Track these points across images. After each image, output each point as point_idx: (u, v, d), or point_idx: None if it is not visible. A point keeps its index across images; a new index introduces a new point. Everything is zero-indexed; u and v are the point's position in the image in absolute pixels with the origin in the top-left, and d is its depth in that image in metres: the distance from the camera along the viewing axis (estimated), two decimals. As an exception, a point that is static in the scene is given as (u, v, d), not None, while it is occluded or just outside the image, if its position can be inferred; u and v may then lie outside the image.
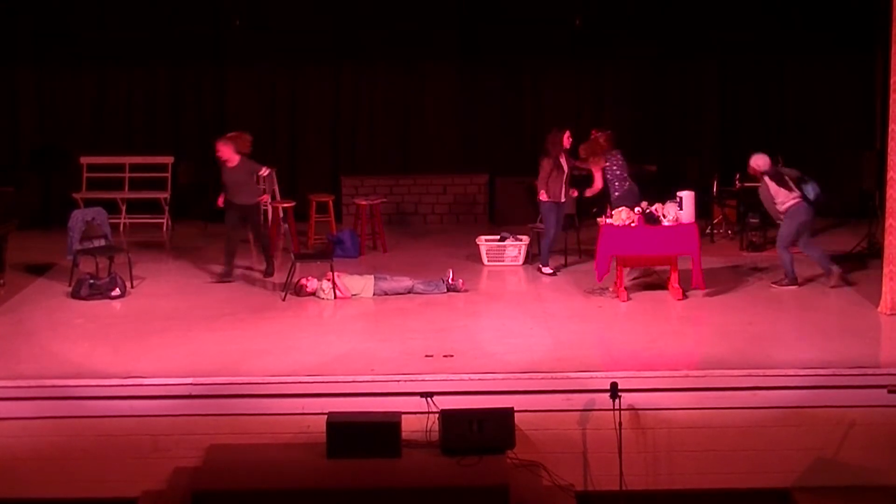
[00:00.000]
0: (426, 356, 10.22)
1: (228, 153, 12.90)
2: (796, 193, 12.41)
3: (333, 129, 16.65)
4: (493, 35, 16.28)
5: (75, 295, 12.21)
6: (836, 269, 12.39)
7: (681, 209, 12.14)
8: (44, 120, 16.51)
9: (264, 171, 13.80)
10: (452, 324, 11.35)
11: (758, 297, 12.07)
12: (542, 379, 9.62)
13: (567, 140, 13.13)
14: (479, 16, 16.31)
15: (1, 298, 12.31)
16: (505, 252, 13.70)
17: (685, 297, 12.07)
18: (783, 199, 12.43)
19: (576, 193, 13.61)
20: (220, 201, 13.05)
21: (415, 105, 16.60)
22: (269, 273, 13.11)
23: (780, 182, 12.46)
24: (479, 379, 9.64)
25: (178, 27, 16.27)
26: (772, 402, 9.48)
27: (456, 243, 14.72)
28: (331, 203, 14.92)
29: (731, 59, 16.23)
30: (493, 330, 11.18)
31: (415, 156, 16.64)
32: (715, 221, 14.95)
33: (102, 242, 13.00)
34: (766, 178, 12.50)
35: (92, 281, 12.27)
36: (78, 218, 12.99)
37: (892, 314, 11.23)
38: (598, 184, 13.50)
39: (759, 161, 12.60)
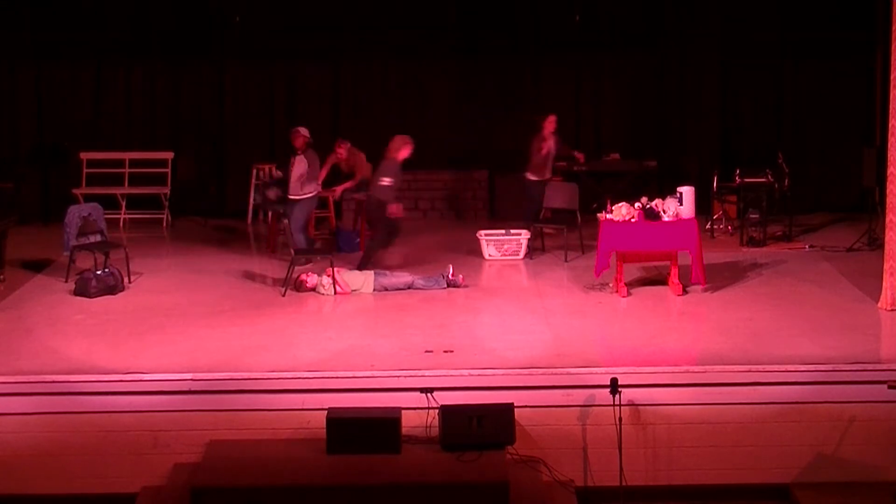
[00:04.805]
0: (426, 352, 10.22)
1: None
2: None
3: (333, 125, 16.61)
4: (492, 31, 16.25)
5: (81, 292, 12.14)
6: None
7: (681, 205, 12.13)
8: (43, 116, 16.48)
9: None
10: (452, 319, 11.34)
11: (758, 293, 12.06)
12: (541, 374, 9.61)
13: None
14: (478, 12, 16.28)
15: (0, 294, 12.30)
16: (505, 246, 13.70)
17: (685, 292, 12.06)
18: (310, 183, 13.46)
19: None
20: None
21: (414, 101, 16.56)
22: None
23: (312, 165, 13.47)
24: (479, 374, 9.63)
25: (177, 23, 16.25)
26: (772, 397, 9.48)
27: (455, 239, 14.71)
28: (330, 199, 14.91)
29: (731, 56, 16.20)
30: (493, 325, 11.18)
31: (414, 152, 16.59)
32: (715, 217, 14.94)
33: (98, 238, 12.99)
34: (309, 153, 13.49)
35: (99, 272, 12.22)
36: (74, 214, 12.98)
37: (892, 310, 11.22)
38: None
39: (305, 130, 13.66)
